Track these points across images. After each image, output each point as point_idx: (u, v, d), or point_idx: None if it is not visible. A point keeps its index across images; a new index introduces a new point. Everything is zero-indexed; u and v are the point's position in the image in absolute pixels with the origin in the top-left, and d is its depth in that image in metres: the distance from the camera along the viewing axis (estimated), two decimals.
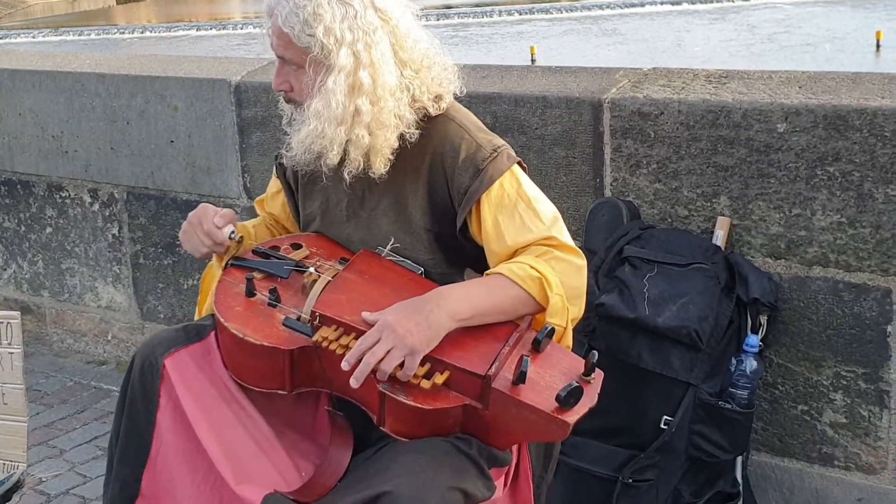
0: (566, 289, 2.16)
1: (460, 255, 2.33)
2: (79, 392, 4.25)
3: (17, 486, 2.93)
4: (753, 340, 2.78)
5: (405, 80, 2.22)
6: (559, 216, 2.26)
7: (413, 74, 2.23)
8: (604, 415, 2.78)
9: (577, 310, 2.22)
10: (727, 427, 2.78)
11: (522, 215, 2.21)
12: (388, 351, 2.01)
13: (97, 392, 4.23)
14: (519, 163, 2.28)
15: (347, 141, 2.20)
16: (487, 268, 2.25)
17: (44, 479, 3.54)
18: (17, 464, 2.99)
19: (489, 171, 2.22)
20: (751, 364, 2.77)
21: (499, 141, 2.29)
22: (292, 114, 2.32)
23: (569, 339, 2.22)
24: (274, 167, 2.57)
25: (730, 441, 2.79)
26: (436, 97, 2.27)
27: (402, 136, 2.23)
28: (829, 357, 2.87)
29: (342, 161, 2.24)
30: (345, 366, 2.03)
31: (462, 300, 2.11)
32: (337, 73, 2.15)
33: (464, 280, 2.33)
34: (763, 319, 2.85)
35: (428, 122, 2.27)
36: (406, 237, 2.31)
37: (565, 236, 2.22)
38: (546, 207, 2.25)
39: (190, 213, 2.45)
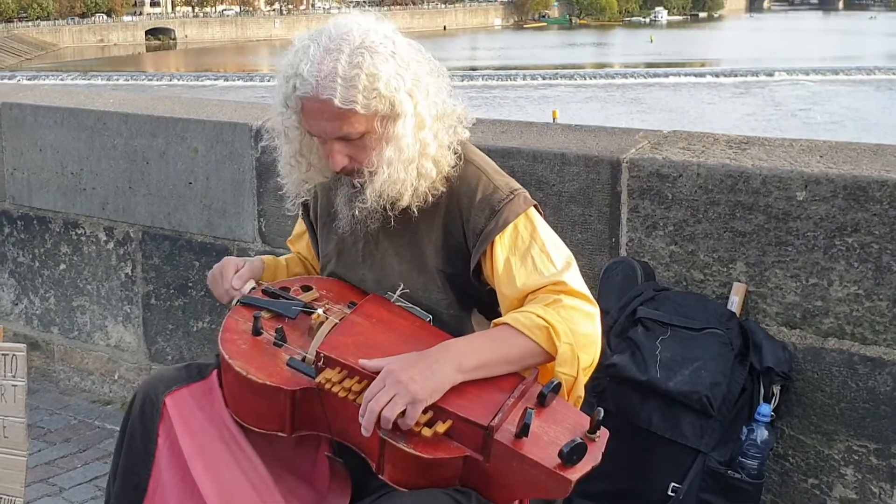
0: (576, 336, 2.12)
1: (473, 297, 2.32)
2: (82, 431, 4.22)
3: None
4: (766, 409, 2.74)
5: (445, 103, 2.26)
6: (573, 261, 2.24)
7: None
8: (611, 478, 2.75)
9: (589, 358, 2.17)
10: (735, 497, 2.72)
11: (535, 259, 2.20)
12: (392, 398, 1.98)
13: (101, 432, 4.20)
14: (536, 206, 2.28)
15: (417, 176, 2.20)
16: (499, 311, 2.23)
17: None
18: (14, 498, 2.95)
19: (505, 212, 2.21)
20: (762, 434, 2.72)
21: (516, 184, 2.29)
22: (335, 185, 2.33)
23: (580, 389, 2.17)
24: (300, 209, 2.57)
25: None
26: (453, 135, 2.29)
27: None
28: (842, 431, 2.83)
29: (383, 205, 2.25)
30: (365, 434, 2.01)
31: (467, 353, 2.08)
32: (403, 118, 2.16)
33: (472, 323, 2.32)
34: (776, 389, 2.81)
35: None
36: (419, 277, 2.30)
37: (576, 282, 2.19)
38: (559, 252, 2.23)
39: (215, 266, 2.50)
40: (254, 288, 2.41)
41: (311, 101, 2.15)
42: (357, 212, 2.26)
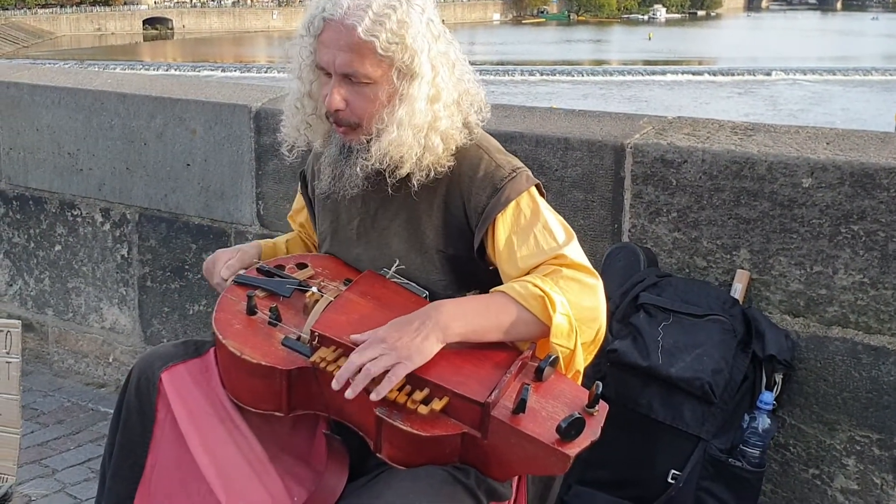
0: (576, 309, 2.08)
1: (472, 277, 2.27)
2: (76, 413, 4.18)
3: (4, 499, 2.88)
4: (768, 397, 2.71)
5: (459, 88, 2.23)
6: (574, 237, 2.20)
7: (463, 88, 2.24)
8: (611, 465, 2.73)
9: (592, 332, 2.13)
10: (736, 485, 2.69)
11: (537, 236, 2.16)
12: (377, 356, 1.97)
13: (94, 414, 4.17)
14: (538, 186, 2.25)
15: (422, 147, 2.16)
16: None
17: (33, 499, 3.47)
18: (6, 476, 2.93)
19: (507, 190, 2.18)
20: (763, 422, 2.69)
21: (518, 162, 2.26)
22: (327, 138, 2.28)
23: (579, 364, 2.13)
24: (299, 183, 2.54)
25: (738, 501, 2.71)
26: (465, 123, 2.25)
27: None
28: (844, 420, 2.80)
29: (372, 177, 2.22)
30: (335, 385, 1.98)
31: (457, 314, 2.06)
32: (419, 80, 2.13)
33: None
34: (778, 377, 2.78)
35: None
36: (417, 257, 2.27)
37: (577, 255, 2.16)
38: (561, 229, 2.20)
39: (208, 259, 2.48)
40: None
41: (334, 24, 2.12)
42: (356, 169, 2.20)
